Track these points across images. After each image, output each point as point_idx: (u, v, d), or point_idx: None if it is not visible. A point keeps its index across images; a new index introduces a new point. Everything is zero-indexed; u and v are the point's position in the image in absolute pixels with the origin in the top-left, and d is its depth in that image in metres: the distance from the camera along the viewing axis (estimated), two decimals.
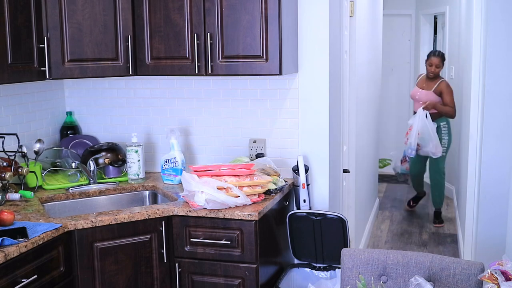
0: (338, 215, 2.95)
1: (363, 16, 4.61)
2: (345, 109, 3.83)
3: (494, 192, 3.72)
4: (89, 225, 2.48)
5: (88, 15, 2.85)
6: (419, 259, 2.12)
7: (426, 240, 5.41)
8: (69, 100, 3.50)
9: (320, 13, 3.06)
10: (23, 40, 2.65)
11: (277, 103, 3.17)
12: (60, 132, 3.43)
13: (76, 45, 2.86)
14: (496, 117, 3.69)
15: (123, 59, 2.93)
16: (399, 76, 7.89)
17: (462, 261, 2.10)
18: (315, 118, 3.13)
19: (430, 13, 7.38)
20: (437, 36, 7.61)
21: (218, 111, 3.24)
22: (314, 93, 3.12)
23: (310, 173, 3.13)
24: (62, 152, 3.27)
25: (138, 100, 3.41)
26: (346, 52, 3.82)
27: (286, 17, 2.85)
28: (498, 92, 3.67)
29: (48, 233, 2.29)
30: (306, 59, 3.11)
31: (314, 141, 3.15)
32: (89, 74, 2.92)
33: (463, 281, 2.04)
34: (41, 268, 2.27)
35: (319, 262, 3.03)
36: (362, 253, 2.19)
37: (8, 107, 3.03)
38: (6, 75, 2.56)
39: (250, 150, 3.22)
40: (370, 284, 2.02)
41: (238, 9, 2.78)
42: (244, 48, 2.79)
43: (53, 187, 3.00)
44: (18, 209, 2.62)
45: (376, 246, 5.23)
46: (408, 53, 7.80)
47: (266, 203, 2.72)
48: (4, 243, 2.11)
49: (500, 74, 3.66)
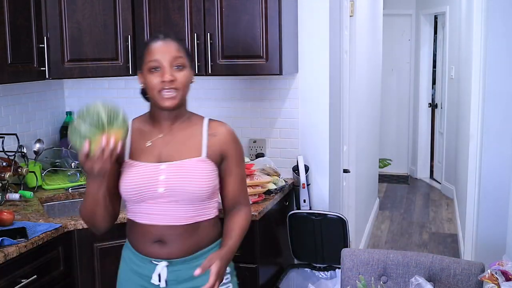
0: (338, 215, 2.95)
1: (363, 16, 4.61)
2: (345, 109, 3.83)
3: (494, 192, 3.71)
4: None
5: (88, 15, 2.85)
6: (419, 259, 2.11)
7: (426, 240, 5.41)
8: (69, 100, 3.50)
9: (320, 13, 3.06)
10: (23, 40, 2.65)
11: (277, 103, 3.17)
12: (60, 132, 3.43)
13: (76, 45, 2.85)
14: (496, 117, 3.69)
15: (123, 59, 2.93)
16: (399, 76, 7.89)
17: (462, 261, 2.10)
18: (315, 118, 3.13)
19: (430, 13, 7.38)
20: (437, 36, 7.61)
21: (218, 111, 3.24)
22: (314, 93, 3.12)
23: (310, 173, 3.13)
24: (62, 152, 3.27)
25: (138, 100, 3.40)
26: (346, 52, 3.82)
27: (286, 17, 2.85)
28: (498, 92, 3.67)
29: (48, 233, 2.29)
30: (306, 59, 3.11)
31: (314, 141, 3.15)
32: (89, 74, 2.91)
33: (463, 281, 2.04)
34: (41, 268, 2.27)
35: (319, 262, 3.03)
36: (362, 253, 2.18)
37: (8, 107, 3.03)
38: (5, 75, 2.55)
39: (250, 150, 3.22)
40: (370, 284, 2.02)
41: (238, 9, 2.78)
42: (244, 48, 2.79)
43: (53, 187, 2.99)
44: (18, 209, 2.61)
45: (376, 246, 5.23)
46: (408, 53, 7.80)
47: (266, 203, 2.71)
48: (3, 243, 2.10)
49: (500, 74, 3.65)
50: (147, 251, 1.89)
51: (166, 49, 1.83)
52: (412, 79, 7.81)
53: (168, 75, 1.80)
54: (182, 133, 1.90)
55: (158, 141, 1.89)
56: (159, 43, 1.84)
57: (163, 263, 1.86)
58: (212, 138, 1.90)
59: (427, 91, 7.64)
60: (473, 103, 3.88)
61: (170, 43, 1.85)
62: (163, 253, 1.87)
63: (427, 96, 7.65)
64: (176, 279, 1.88)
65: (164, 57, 1.82)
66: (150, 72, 1.83)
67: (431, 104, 7.65)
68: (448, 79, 6.80)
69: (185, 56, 1.87)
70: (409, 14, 7.73)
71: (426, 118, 7.67)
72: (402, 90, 7.91)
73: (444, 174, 7.01)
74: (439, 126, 7.45)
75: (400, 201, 6.75)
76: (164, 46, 1.84)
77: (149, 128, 1.92)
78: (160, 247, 1.86)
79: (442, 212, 6.28)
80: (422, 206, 6.54)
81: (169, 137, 1.89)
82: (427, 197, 6.92)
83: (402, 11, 7.69)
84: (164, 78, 1.80)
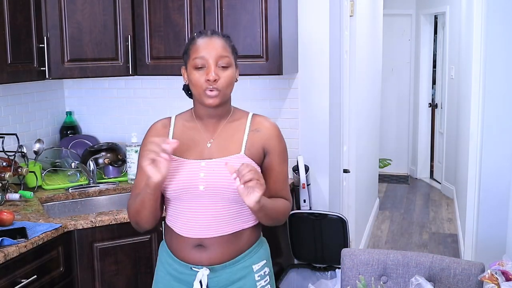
0: (338, 215, 2.95)
1: (363, 16, 4.61)
2: (345, 109, 3.83)
3: (494, 192, 3.71)
4: (89, 225, 2.48)
5: (88, 14, 2.85)
6: (419, 259, 2.11)
7: (426, 240, 5.41)
8: (69, 100, 3.50)
9: (320, 13, 3.06)
10: (23, 40, 2.65)
11: (277, 103, 3.17)
12: (60, 132, 3.43)
13: (76, 45, 2.85)
14: (496, 117, 3.69)
15: (123, 59, 2.93)
16: (399, 76, 7.89)
17: (463, 261, 2.10)
18: (315, 118, 3.13)
19: (430, 13, 7.38)
20: (437, 36, 7.61)
21: None
22: (314, 93, 3.12)
23: (310, 173, 3.12)
24: (62, 152, 3.27)
25: (138, 100, 3.41)
26: (346, 52, 3.82)
27: (286, 17, 2.85)
28: (498, 92, 3.67)
29: (48, 233, 2.28)
30: (306, 59, 3.11)
31: (314, 141, 3.15)
32: (89, 74, 2.91)
33: (463, 281, 2.04)
34: (41, 268, 2.27)
35: (319, 262, 3.03)
36: (362, 253, 2.18)
37: (8, 107, 3.03)
38: (5, 75, 2.55)
39: None
40: (370, 284, 2.01)
41: (238, 9, 2.78)
42: (244, 48, 2.78)
43: (53, 187, 2.99)
44: (18, 209, 2.61)
45: (376, 246, 5.23)
46: (408, 53, 7.80)
47: None
48: (3, 243, 2.10)
49: (500, 74, 3.65)
50: (187, 257, 1.85)
51: (212, 46, 1.80)
52: (412, 79, 7.81)
53: (212, 73, 1.77)
54: (226, 130, 1.88)
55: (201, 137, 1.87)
56: (205, 39, 1.81)
57: (204, 269, 1.83)
58: (254, 133, 1.87)
59: (427, 91, 7.64)
60: (473, 103, 3.88)
61: (216, 40, 1.82)
62: (204, 259, 1.83)
63: (427, 96, 7.65)
64: (217, 284, 1.85)
65: (210, 54, 1.78)
66: (195, 69, 1.79)
67: (431, 104, 7.65)
68: (448, 79, 6.79)
69: (231, 54, 1.84)
70: (409, 14, 7.73)
71: (426, 118, 7.67)
72: (402, 90, 7.91)
73: (444, 174, 7.01)
74: (439, 126, 7.45)
75: (400, 201, 6.75)
76: (211, 43, 1.80)
77: (192, 124, 1.90)
78: (200, 253, 1.83)
79: (442, 212, 6.28)
80: (422, 206, 6.54)
81: (212, 134, 1.87)
82: (427, 197, 6.91)
83: (402, 11, 7.69)
84: (208, 76, 1.77)
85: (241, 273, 1.87)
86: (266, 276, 1.91)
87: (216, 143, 1.86)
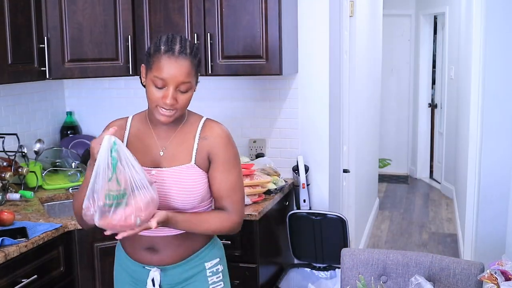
0: (338, 215, 2.96)
1: (363, 16, 4.61)
2: (345, 109, 3.83)
3: (494, 192, 3.72)
4: None
5: (88, 15, 2.85)
6: (419, 259, 2.12)
7: (426, 240, 5.41)
8: (69, 100, 3.50)
9: (320, 13, 3.06)
10: (23, 40, 2.66)
11: (277, 103, 3.18)
12: (60, 132, 3.43)
13: (76, 45, 2.86)
14: (496, 117, 3.69)
15: (123, 59, 2.93)
16: (399, 76, 7.89)
17: (462, 261, 2.10)
18: (315, 118, 3.14)
19: (430, 13, 7.38)
20: (437, 36, 7.61)
21: (218, 111, 3.24)
22: (314, 93, 3.12)
23: (310, 173, 3.13)
24: (62, 152, 3.27)
25: (138, 100, 3.39)
26: (346, 52, 3.82)
27: (286, 17, 2.85)
28: (498, 92, 3.67)
29: (48, 233, 2.29)
30: (306, 59, 3.11)
31: (314, 141, 3.16)
32: (89, 74, 2.92)
33: (463, 281, 2.04)
34: (41, 268, 2.27)
35: (319, 262, 3.03)
36: (362, 253, 2.19)
37: (8, 107, 3.03)
38: (6, 75, 2.56)
39: (250, 150, 3.22)
40: (370, 284, 2.02)
41: (238, 9, 2.78)
42: (244, 48, 2.79)
43: (53, 187, 3.00)
44: (18, 209, 2.61)
45: (376, 246, 5.24)
46: (408, 53, 7.80)
47: (266, 203, 2.72)
48: (4, 243, 2.10)
49: (500, 74, 3.66)
50: (138, 257, 1.88)
51: (177, 70, 1.72)
52: (411, 79, 7.81)
53: (170, 98, 1.72)
54: (178, 137, 1.86)
55: (154, 144, 1.85)
56: (171, 60, 1.72)
57: (155, 269, 1.86)
58: (202, 141, 1.84)
59: (427, 91, 7.64)
60: (473, 103, 3.88)
61: (182, 62, 1.72)
62: (155, 260, 1.86)
63: (427, 96, 7.65)
64: (170, 282, 1.88)
65: (172, 79, 1.72)
66: (154, 84, 1.74)
67: (431, 104, 7.66)
68: (448, 79, 6.80)
69: (193, 77, 1.78)
70: (409, 14, 7.74)
71: (426, 118, 7.67)
72: (402, 90, 7.91)
73: (444, 174, 7.01)
74: (439, 126, 7.46)
75: (400, 201, 6.76)
76: (176, 66, 1.72)
77: (146, 130, 1.88)
78: (151, 255, 1.86)
79: (442, 212, 6.29)
80: (422, 206, 6.55)
81: (165, 141, 1.86)
82: (427, 197, 6.92)
83: (402, 11, 7.69)
84: (165, 100, 1.72)
85: (193, 271, 1.89)
86: (219, 273, 1.94)
87: (168, 151, 1.84)
